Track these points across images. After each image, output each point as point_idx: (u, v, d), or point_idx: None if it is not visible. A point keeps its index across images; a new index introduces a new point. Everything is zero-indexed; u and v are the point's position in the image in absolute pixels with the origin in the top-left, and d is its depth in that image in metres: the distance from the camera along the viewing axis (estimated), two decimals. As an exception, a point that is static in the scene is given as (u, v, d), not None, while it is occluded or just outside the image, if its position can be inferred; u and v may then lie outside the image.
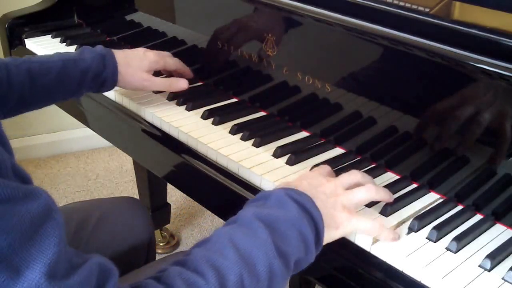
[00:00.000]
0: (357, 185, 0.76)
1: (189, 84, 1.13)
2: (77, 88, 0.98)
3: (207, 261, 0.58)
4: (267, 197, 0.68)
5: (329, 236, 0.69)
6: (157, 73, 1.12)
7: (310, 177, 0.75)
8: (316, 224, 0.66)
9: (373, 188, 0.74)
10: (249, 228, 0.62)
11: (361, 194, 0.73)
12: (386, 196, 0.76)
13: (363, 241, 0.73)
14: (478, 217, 0.79)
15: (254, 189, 0.86)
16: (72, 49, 1.34)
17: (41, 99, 0.97)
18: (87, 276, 0.50)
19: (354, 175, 0.76)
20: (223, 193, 0.91)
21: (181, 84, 1.07)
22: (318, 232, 0.66)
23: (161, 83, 1.07)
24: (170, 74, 1.15)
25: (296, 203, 0.66)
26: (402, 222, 0.77)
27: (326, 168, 0.80)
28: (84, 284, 0.49)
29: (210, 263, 0.58)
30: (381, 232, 0.72)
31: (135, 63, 1.04)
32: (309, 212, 0.66)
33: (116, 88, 1.06)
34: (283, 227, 0.63)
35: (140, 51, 1.08)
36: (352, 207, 0.73)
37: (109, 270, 0.53)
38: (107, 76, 1.00)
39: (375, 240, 0.73)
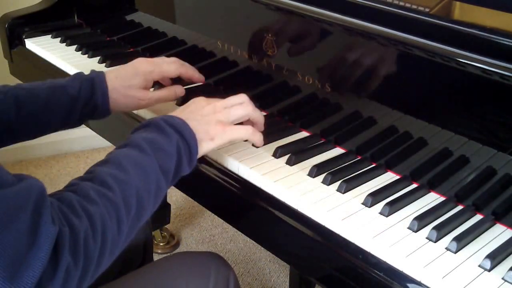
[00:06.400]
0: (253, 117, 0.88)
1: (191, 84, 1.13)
2: (67, 116, 0.92)
3: (111, 176, 0.67)
4: (148, 125, 0.78)
5: (206, 147, 0.81)
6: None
7: (193, 104, 0.85)
8: (188, 142, 0.77)
9: (250, 107, 0.87)
10: (140, 150, 0.73)
11: (237, 111, 0.85)
12: (255, 135, 0.87)
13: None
14: (478, 217, 0.79)
15: (254, 189, 0.86)
16: (72, 49, 1.35)
17: (29, 128, 0.91)
18: (27, 188, 0.56)
19: (244, 107, 0.86)
20: (222, 193, 0.91)
21: (178, 92, 1.02)
22: (190, 148, 0.78)
23: (159, 97, 1.00)
24: (178, 79, 1.07)
25: (171, 127, 0.77)
26: (402, 222, 0.77)
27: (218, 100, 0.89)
28: (22, 195, 0.55)
29: (114, 177, 0.67)
30: (254, 136, 0.86)
31: (127, 82, 0.96)
32: (181, 133, 0.77)
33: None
34: (163, 148, 0.74)
35: (129, 68, 0.98)
36: (228, 122, 0.84)
37: (43, 191, 0.58)
38: (96, 103, 0.94)
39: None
